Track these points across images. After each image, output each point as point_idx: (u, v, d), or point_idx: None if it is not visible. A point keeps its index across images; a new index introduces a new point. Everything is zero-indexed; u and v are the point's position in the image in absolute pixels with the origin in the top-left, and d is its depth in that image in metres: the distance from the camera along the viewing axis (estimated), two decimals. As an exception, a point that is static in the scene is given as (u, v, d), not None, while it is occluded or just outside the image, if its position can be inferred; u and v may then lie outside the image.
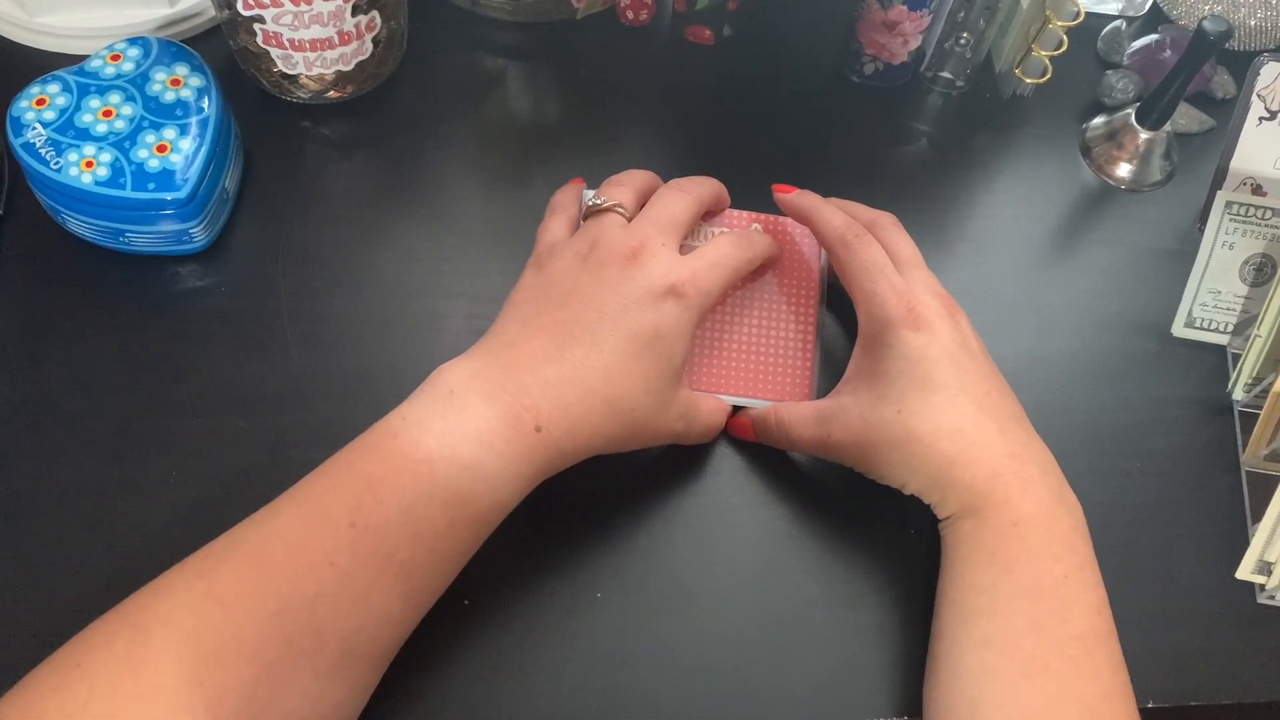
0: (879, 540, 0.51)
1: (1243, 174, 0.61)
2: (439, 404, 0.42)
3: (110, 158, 0.52)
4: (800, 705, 0.47)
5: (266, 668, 0.37)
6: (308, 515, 0.40)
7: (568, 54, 0.67)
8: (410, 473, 0.41)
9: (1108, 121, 0.66)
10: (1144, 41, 0.70)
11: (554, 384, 0.44)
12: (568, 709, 0.46)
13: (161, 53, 0.56)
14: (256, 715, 0.37)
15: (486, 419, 0.42)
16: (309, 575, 0.39)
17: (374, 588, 0.40)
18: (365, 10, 0.58)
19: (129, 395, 0.52)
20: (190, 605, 0.37)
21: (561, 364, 0.44)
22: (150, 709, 0.35)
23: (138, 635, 0.37)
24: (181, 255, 0.56)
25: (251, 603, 0.38)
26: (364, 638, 0.40)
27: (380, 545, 0.40)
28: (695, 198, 0.52)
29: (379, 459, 0.41)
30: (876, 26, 0.64)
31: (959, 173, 0.66)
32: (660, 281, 0.46)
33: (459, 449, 0.41)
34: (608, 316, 0.45)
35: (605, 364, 0.44)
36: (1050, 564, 0.43)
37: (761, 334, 0.54)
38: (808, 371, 0.54)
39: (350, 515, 0.40)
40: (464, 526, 0.42)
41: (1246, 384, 0.57)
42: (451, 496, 0.41)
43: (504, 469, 0.42)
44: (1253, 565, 0.51)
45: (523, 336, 0.45)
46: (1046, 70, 0.65)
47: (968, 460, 0.45)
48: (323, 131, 0.62)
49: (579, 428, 0.44)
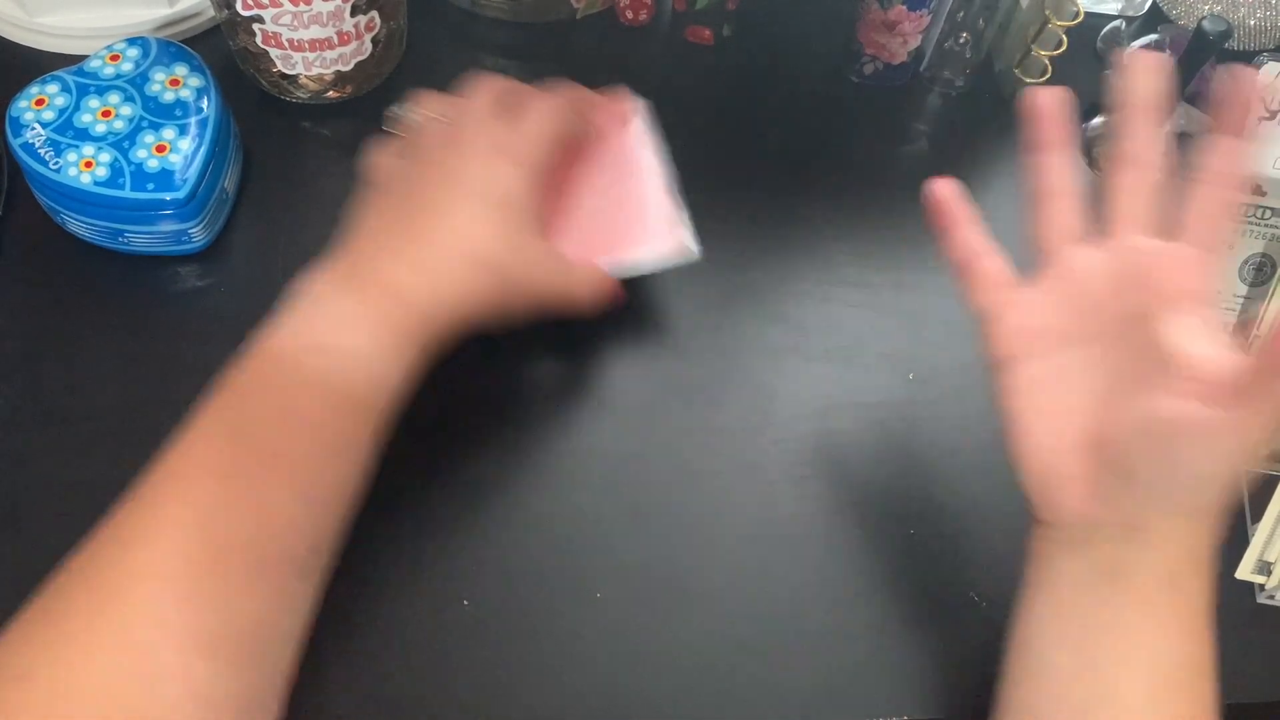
0: (879, 540, 0.51)
1: (1242, 174, 0.61)
2: (295, 308, 0.43)
3: (109, 158, 0.52)
4: (800, 705, 0.47)
5: (173, 587, 0.37)
6: (189, 442, 0.40)
7: (567, 54, 0.67)
8: (277, 372, 0.41)
9: (1107, 121, 0.66)
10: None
11: (406, 253, 0.43)
12: (567, 709, 0.46)
13: (161, 53, 0.56)
14: (170, 636, 0.37)
15: (343, 303, 0.42)
16: (198, 492, 0.39)
17: (267, 489, 0.39)
18: (364, 10, 0.58)
19: (128, 395, 0.52)
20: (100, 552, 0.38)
21: (410, 236, 0.44)
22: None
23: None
24: (181, 255, 0.56)
25: (151, 534, 0.38)
26: (271, 546, 0.39)
27: (261, 446, 0.40)
28: (496, 96, 0.51)
29: (246, 371, 0.41)
30: (876, 26, 0.64)
31: (959, 173, 0.65)
32: (487, 150, 0.47)
33: (321, 338, 0.41)
34: (446, 187, 0.45)
35: (454, 224, 0.44)
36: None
37: (616, 197, 0.54)
38: (672, 217, 0.53)
39: (227, 426, 0.40)
40: (346, 414, 0.41)
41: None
42: (323, 383, 0.41)
43: (372, 345, 0.42)
44: (1252, 565, 0.51)
45: (366, 231, 0.45)
46: (1046, 70, 0.65)
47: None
48: (322, 132, 0.62)
49: (441, 287, 0.43)
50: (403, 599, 0.48)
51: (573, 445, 0.53)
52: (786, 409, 0.55)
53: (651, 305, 0.58)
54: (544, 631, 0.48)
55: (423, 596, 0.48)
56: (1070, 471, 0.41)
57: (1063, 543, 0.42)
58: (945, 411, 0.56)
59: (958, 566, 0.51)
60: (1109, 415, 0.41)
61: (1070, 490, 0.41)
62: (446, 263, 0.44)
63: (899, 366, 0.57)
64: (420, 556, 0.49)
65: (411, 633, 0.47)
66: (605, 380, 0.55)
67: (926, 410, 0.56)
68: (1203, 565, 0.40)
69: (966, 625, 0.49)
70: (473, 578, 0.49)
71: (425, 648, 0.47)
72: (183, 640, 0.37)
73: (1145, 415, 0.39)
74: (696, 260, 0.54)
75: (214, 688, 0.37)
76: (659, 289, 0.58)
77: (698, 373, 0.56)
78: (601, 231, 0.53)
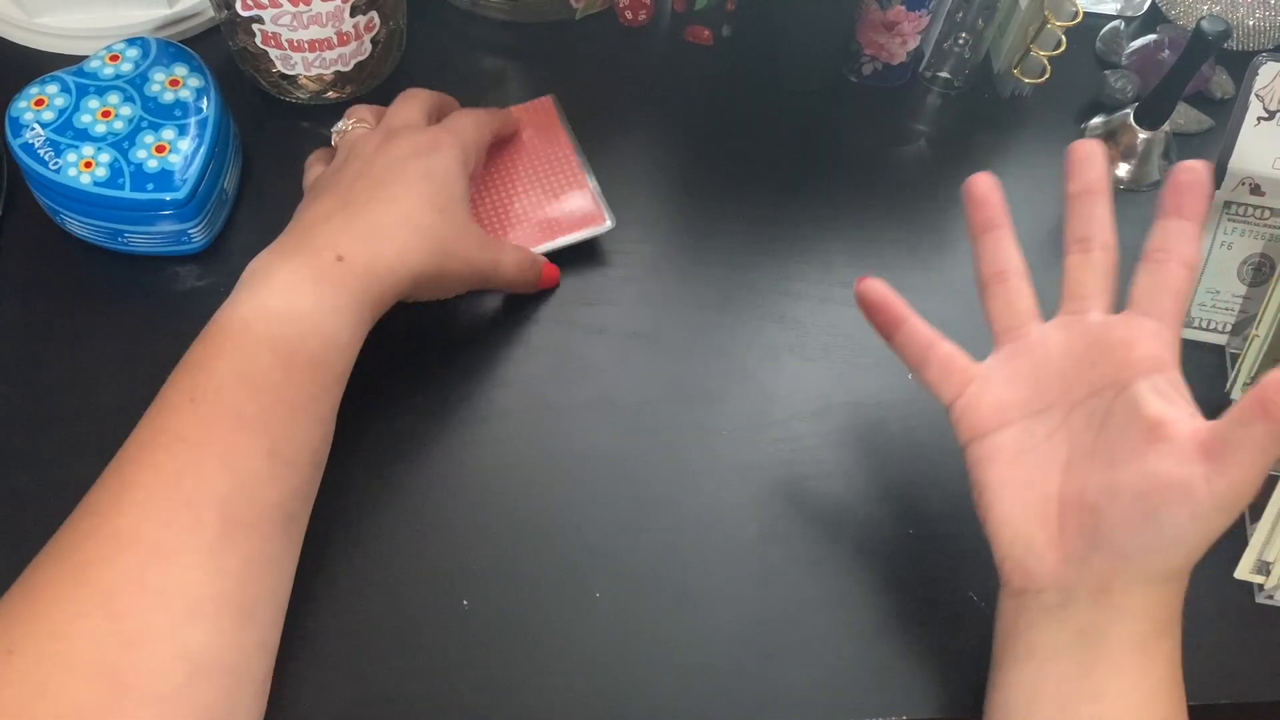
0: (878, 540, 0.51)
1: (1241, 174, 0.61)
2: (245, 283, 0.45)
3: (109, 158, 0.52)
4: (799, 705, 0.47)
5: (151, 550, 0.38)
6: (153, 414, 0.42)
7: (566, 54, 0.67)
8: (232, 339, 0.43)
9: (1106, 121, 0.66)
10: (1142, 41, 0.70)
11: (346, 222, 0.47)
12: (567, 709, 0.46)
13: (160, 53, 0.56)
14: (154, 599, 0.37)
15: (288, 271, 0.45)
16: (165, 456, 0.40)
17: (233, 449, 0.41)
18: (364, 11, 0.58)
19: (128, 396, 0.52)
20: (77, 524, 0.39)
21: (349, 208, 0.47)
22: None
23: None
24: (180, 256, 0.56)
25: (125, 503, 0.39)
26: (244, 504, 0.40)
27: (223, 408, 0.41)
28: (423, 106, 0.55)
29: (204, 344, 0.44)
30: (875, 26, 0.64)
31: (958, 173, 0.65)
32: (418, 141, 0.51)
33: (270, 303, 0.44)
34: (380, 172, 0.49)
35: (391, 195, 0.48)
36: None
37: (537, 188, 0.59)
38: (591, 200, 0.59)
39: (188, 394, 0.41)
40: (302, 371, 0.43)
41: (1245, 384, 0.57)
42: (277, 345, 0.43)
43: (319, 305, 0.44)
44: (1251, 565, 0.51)
45: (309, 213, 0.48)
46: (1045, 70, 0.65)
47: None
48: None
49: (382, 250, 0.46)
50: (403, 599, 0.48)
51: (572, 445, 0.53)
52: (786, 409, 0.55)
53: (651, 305, 0.58)
54: (544, 631, 0.48)
55: (423, 596, 0.48)
56: (1042, 538, 0.42)
57: (1035, 611, 0.42)
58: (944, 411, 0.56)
59: (957, 566, 0.51)
60: (1080, 481, 0.42)
61: (1043, 556, 0.42)
62: (386, 228, 0.47)
63: (899, 366, 0.57)
64: (421, 556, 0.49)
65: (411, 633, 0.47)
66: (605, 380, 0.55)
67: (926, 410, 0.56)
68: (1172, 627, 0.41)
69: (965, 625, 0.49)
70: (473, 578, 0.49)
71: (425, 648, 0.47)
72: (168, 602, 0.37)
73: (1127, 478, 0.40)
74: (612, 229, 0.58)
75: (204, 648, 0.37)
76: (659, 288, 0.58)
77: (698, 373, 0.56)
78: (525, 216, 0.58)
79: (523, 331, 0.56)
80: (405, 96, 0.55)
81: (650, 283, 0.59)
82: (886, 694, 0.48)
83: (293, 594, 0.43)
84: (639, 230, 0.60)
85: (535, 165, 0.60)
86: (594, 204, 0.59)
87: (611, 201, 0.58)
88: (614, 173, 0.61)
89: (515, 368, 0.55)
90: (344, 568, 0.49)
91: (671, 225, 0.61)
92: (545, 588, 0.49)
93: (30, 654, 0.36)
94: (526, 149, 0.61)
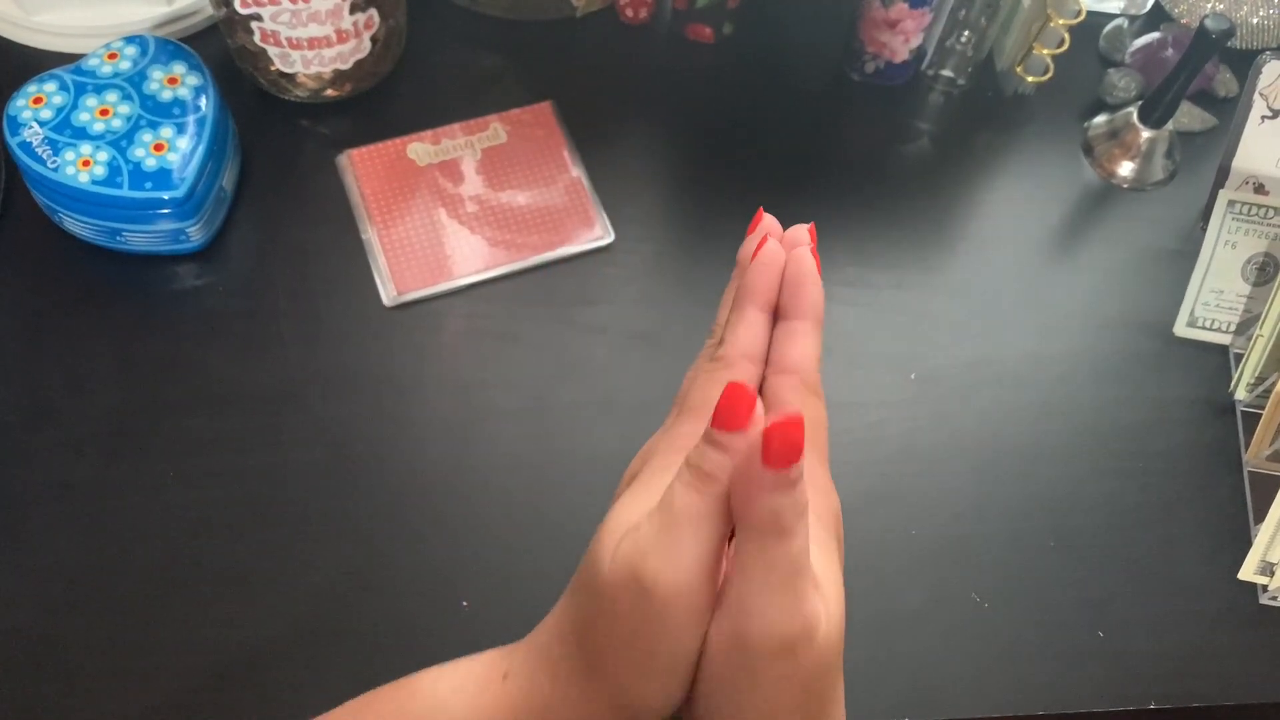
0: (879, 540, 0.51)
1: (1245, 173, 0.61)
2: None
3: (107, 156, 0.52)
4: (800, 707, 0.47)
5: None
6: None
7: (567, 52, 0.67)
8: (397, 698, 0.43)
9: (1110, 120, 0.66)
10: (1146, 40, 0.70)
11: (535, 640, 0.41)
12: (567, 710, 0.46)
13: (159, 51, 0.55)
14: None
15: (471, 665, 0.43)
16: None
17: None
18: (363, 8, 0.58)
19: (126, 395, 0.52)
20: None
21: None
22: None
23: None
24: (179, 255, 0.56)
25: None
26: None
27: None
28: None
29: (385, 690, 0.43)
30: (878, 24, 0.64)
31: (960, 171, 0.65)
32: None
33: (438, 685, 0.42)
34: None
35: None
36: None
37: (536, 200, 0.60)
38: (588, 208, 0.59)
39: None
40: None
41: (1249, 384, 0.57)
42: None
43: (468, 712, 0.42)
44: (1255, 566, 0.50)
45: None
46: (1048, 68, 0.65)
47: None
48: (321, 130, 0.62)
49: (538, 674, 0.40)
50: (403, 599, 0.48)
51: (573, 445, 0.53)
52: (787, 409, 0.55)
53: (651, 305, 0.58)
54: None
55: (423, 596, 0.48)
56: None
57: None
58: (946, 411, 0.55)
59: (958, 566, 0.51)
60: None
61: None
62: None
63: (899, 366, 0.57)
64: (421, 556, 0.49)
65: (411, 633, 0.47)
66: (605, 380, 0.55)
67: (927, 410, 0.55)
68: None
69: (966, 625, 0.49)
70: (473, 578, 0.49)
71: (425, 648, 0.47)
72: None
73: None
74: (612, 242, 0.58)
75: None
76: (659, 288, 0.58)
77: (698, 372, 0.56)
78: (523, 226, 0.59)
79: (523, 331, 0.56)
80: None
81: (650, 283, 0.58)
82: (887, 694, 0.47)
83: (292, 593, 0.43)
84: (639, 230, 0.60)
85: (534, 176, 0.60)
86: (594, 217, 0.59)
87: (611, 200, 0.58)
88: (614, 171, 0.60)
89: (515, 368, 0.55)
90: (344, 567, 0.49)
91: (671, 225, 0.61)
92: (545, 588, 0.49)
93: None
94: (525, 159, 0.61)
